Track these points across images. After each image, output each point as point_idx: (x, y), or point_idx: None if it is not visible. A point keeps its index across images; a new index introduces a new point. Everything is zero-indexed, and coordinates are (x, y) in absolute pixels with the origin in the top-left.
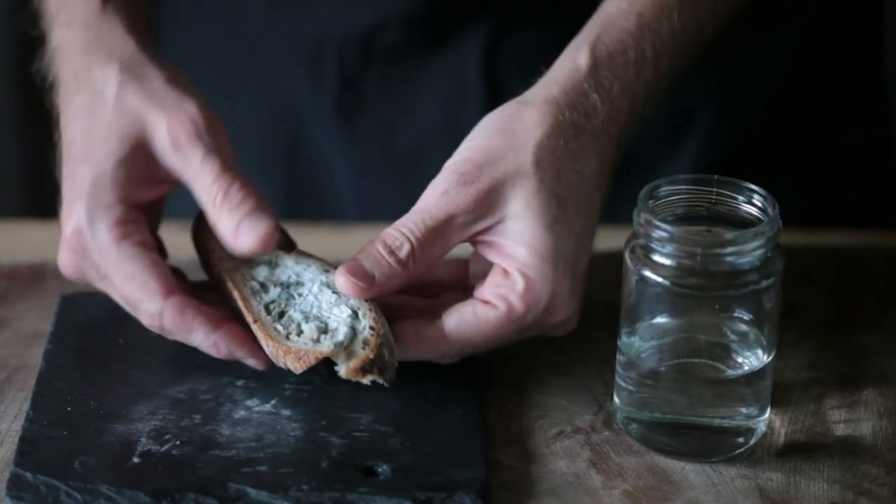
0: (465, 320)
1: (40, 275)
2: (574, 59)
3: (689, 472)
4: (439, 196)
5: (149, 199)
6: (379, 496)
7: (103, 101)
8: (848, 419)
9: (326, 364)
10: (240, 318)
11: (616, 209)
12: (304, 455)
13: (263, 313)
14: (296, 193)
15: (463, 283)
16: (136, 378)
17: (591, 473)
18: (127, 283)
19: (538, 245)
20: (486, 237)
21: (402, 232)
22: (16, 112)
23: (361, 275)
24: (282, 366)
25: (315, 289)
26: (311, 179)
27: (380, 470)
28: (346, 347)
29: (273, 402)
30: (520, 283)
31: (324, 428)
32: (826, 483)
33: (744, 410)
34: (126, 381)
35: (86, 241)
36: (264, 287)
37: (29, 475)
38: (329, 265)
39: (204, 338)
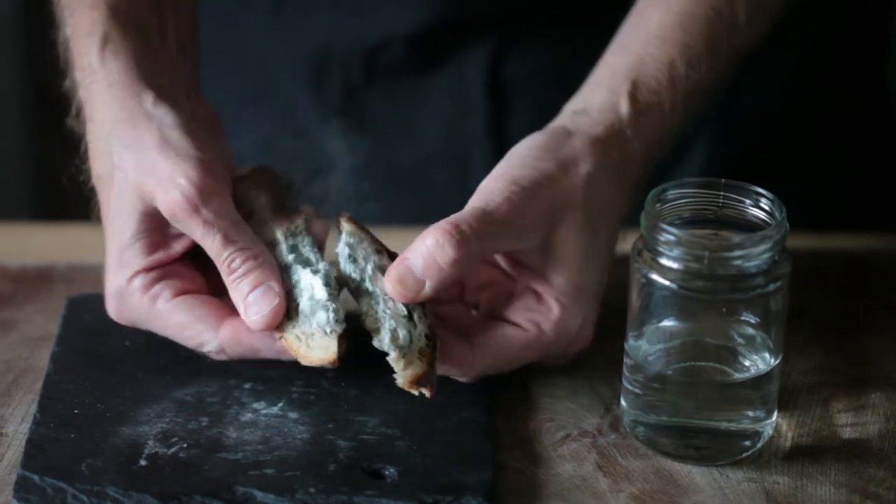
0: (493, 340)
1: (47, 277)
2: (615, 104)
3: (696, 475)
4: (501, 199)
5: (174, 255)
6: (386, 499)
7: (112, 177)
8: (855, 422)
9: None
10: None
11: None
12: (311, 458)
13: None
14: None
15: (460, 297)
16: (143, 380)
17: (598, 477)
18: (181, 334)
19: (577, 278)
20: (526, 259)
21: (461, 230)
22: (23, 116)
23: (410, 276)
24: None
25: (369, 270)
26: (314, 188)
27: (387, 473)
28: (405, 354)
29: (280, 404)
30: (555, 312)
31: (331, 431)
32: (833, 486)
33: (750, 414)
34: (133, 383)
35: (127, 316)
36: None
37: (36, 477)
38: (380, 244)
39: (267, 351)
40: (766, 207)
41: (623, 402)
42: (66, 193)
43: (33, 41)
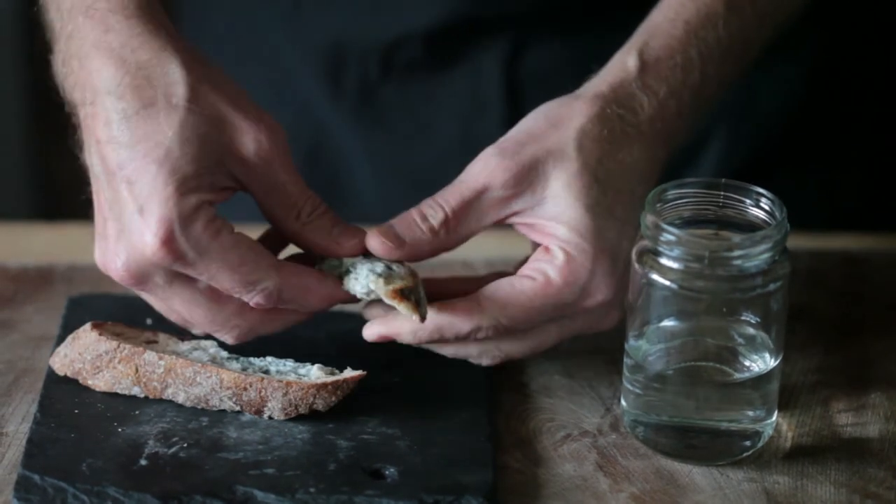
0: (502, 289)
1: (48, 277)
2: (623, 61)
3: (696, 475)
4: (478, 168)
5: (225, 199)
6: (386, 499)
7: (170, 102)
8: (855, 423)
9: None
10: None
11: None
12: (312, 458)
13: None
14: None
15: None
16: None
17: (598, 476)
18: (238, 271)
19: (578, 224)
20: (527, 218)
21: (437, 201)
22: (24, 116)
23: (392, 236)
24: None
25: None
26: (332, 184)
27: (387, 473)
28: (386, 280)
29: None
30: (559, 258)
31: (331, 431)
32: (833, 486)
33: (751, 414)
34: None
35: (179, 246)
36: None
37: (36, 477)
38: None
39: (316, 294)
40: (767, 207)
41: (623, 402)
42: (67, 194)
43: (33, 41)
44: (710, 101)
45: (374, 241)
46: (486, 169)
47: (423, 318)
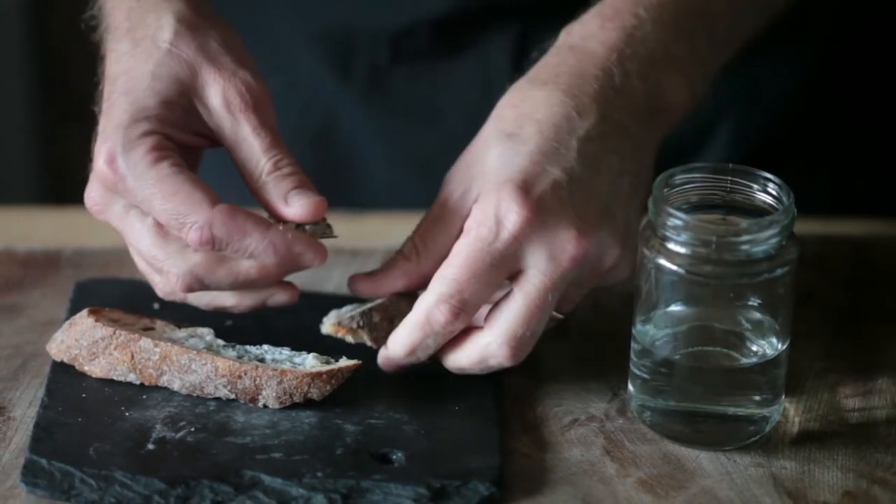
0: (438, 247)
1: (55, 262)
2: (569, 27)
3: (704, 460)
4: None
5: (183, 142)
6: (393, 483)
7: (154, 43)
8: (862, 408)
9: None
10: None
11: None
12: (319, 442)
13: None
14: (325, 183)
15: None
16: None
17: (606, 461)
18: (170, 200)
19: (488, 172)
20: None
21: (409, 236)
22: (31, 101)
23: (370, 274)
24: None
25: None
26: (341, 170)
27: (394, 457)
28: (340, 315)
29: None
30: (473, 208)
31: (338, 415)
32: (840, 471)
33: (758, 399)
34: None
35: (118, 168)
36: None
37: (44, 461)
38: None
39: (259, 239)
40: (774, 192)
41: (630, 387)
42: (74, 178)
43: (40, 28)
44: (663, 49)
45: (353, 283)
46: (442, 185)
47: (375, 344)
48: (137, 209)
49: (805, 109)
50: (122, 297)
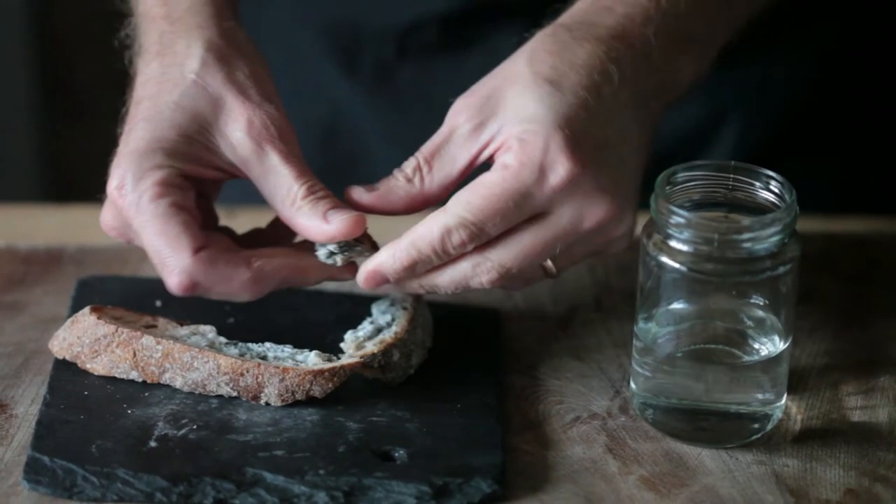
0: (465, 189)
1: (57, 259)
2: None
3: (706, 457)
4: (447, 116)
5: (200, 175)
6: (395, 481)
7: (181, 72)
8: (864, 406)
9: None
10: None
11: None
12: (321, 440)
13: None
14: (331, 179)
15: None
16: None
17: (608, 459)
18: (156, 239)
19: (529, 114)
20: (497, 142)
21: (412, 156)
22: (33, 99)
23: (370, 190)
24: None
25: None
26: (348, 165)
27: (396, 454)
28: (360, 343)
29: None
30: (514, 145)
31: (340, 413)
32: (842, 469)
33: (760, 396)
34: None
35: (126, 195)
36: None
37: (46, 459)
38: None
39: (240, 282)
40: (776, 190)
41: (632, 385)
42: (77, 176)
43: (43, 27)
44: (699, 33)
45: (349, 197)
46: (451, 112)
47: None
48: None
49: (813, 106)
50: (125, 294)
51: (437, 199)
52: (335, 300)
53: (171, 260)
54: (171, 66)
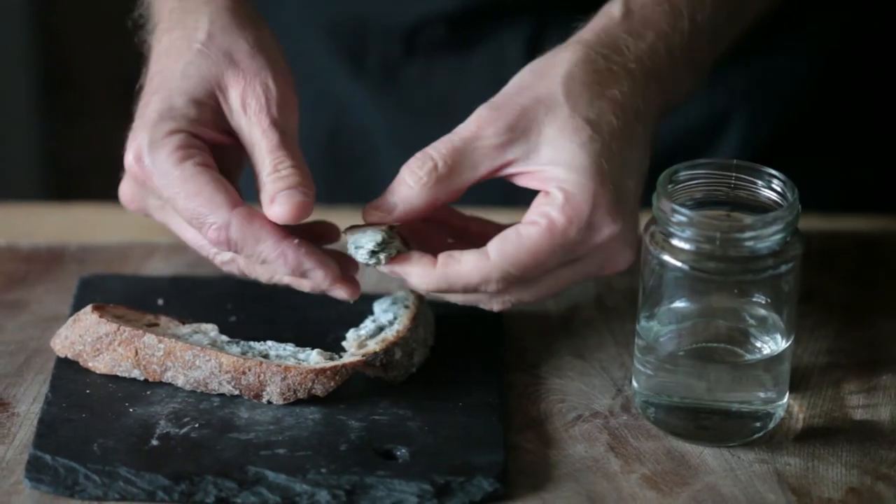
0: (508, 239)
1: (59, 258)
2: (608, 10)
3: (708, 456)
4: (470, 120)
5: (213, 140)
6: (397, 479)
7: (188, 44)
8: (866, 404)
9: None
10: None
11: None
12: (323, 438)
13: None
14: (336, 177)
15: None
16: None
17: (610, 457)
18: (192, 200)
19: (574, 162)
20: (522, 167)
21: (426, 152)
22: (35, 97)
23: (382, 202)
24: None
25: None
26: (354, 164)
27: (398, 453)
28: (362, 342)
29: None
30: (559, 197)
31: (342, 411)
32: (844, 468)
33: (762, 395)
34: None
35: (146, 166)
36: None
37: (48, 457)
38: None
39: (272, 246)
40: (779, 188)
41: (634, 383)
42: (78, 174)
43: (44, 24)
44: (704, 54)
45: (368, 214)
46: (477, 119)
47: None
48: None
49: (818, 103)
50: (127, 293)
51: (447, 202)
52: (334, 300)
53: (210, 216)
54: (178, 40)
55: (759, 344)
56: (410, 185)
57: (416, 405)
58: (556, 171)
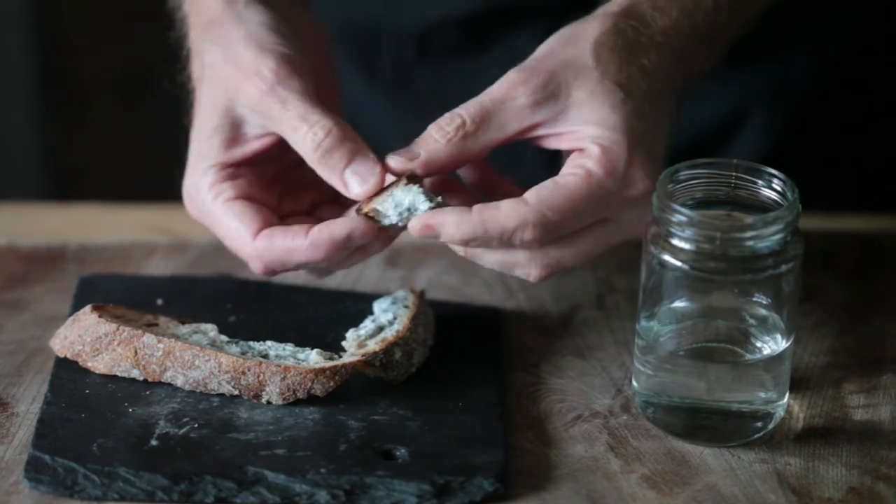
0: (545, 186)
1: (59, 257)
2: None
3: (708, 456)
4: (499, 83)
5: (249, 153)
6: (397, 479)
7: (203, 74)
8: (866, 404)
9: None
10: None
11: None
12: (323, 438)
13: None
14: None
15: None
16: None
17: (610, 457)
18: (227, 239)
19: (608, 120)
20: (552, 128)
21: (455, 111)
22: (35, 97)
23: (405, 151)
24: None
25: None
26: None
27: (398, 453)
28: (361, 342)
29: None
30: (595, 151)
31: (342, 411)
32: (844, 468)
33: (762, 395)
34: None
35: (193, 204)
36: None
37: (47, 457)
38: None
39: (302, 251)
40: (779, 188)
41: (634, 383)
42: (79, 174)
43: (45, 24)
44: (723, 34)
45: (391, 160)
46: (506, 80)
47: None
48: None
49: (832, 102)
50: (126, 292)
51: (473, 161)
52: (336, 298)
53: (244, 252)
54: (200, 70)
55: (759, 344)
56: (437, 138)
57: (416, 405)
58: (589, 129)
